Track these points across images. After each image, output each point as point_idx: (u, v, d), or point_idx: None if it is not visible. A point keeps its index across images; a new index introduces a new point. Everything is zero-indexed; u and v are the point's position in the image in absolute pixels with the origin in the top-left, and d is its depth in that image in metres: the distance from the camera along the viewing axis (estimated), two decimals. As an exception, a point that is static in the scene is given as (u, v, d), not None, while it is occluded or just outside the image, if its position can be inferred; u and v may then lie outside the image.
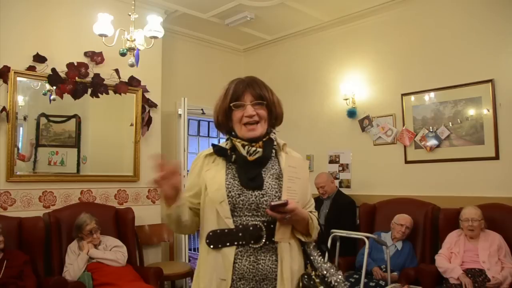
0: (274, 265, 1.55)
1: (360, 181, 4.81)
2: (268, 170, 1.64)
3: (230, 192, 1.57)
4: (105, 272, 3.47)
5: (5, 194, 3.69)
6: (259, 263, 1.54)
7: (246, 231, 1.55)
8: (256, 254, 1.55)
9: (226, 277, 1.53)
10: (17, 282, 3.15)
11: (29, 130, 3.92)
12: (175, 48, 5.29)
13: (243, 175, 1.60)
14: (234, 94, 1.64)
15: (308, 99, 5.30)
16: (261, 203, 1.56)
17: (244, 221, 1.56)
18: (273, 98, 1.69)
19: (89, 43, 4.08)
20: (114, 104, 4.36)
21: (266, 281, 1.55)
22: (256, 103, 1.63)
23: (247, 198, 1.57)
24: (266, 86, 1.69)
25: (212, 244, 1.57)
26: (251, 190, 1.58)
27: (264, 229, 1.55)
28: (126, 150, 4.44)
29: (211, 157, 1.69)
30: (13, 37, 3.76)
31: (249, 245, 1.55)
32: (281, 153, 1.70)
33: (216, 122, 1.73)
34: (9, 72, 3.69)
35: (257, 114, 1.63)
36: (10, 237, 3.40)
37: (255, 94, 1.64)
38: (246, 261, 1.54)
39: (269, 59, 5.85)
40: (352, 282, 3.60)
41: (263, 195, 1.57)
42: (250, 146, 1.63)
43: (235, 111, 1.64)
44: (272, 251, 1.56)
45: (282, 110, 1.73)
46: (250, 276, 1.54)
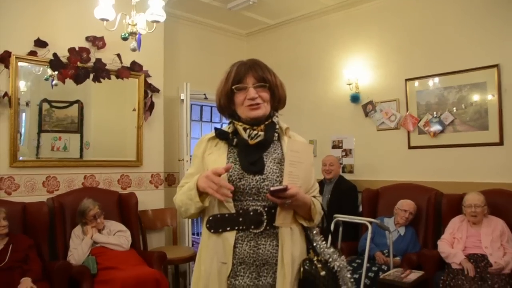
0: (274, 250, 1.55)
1: (363, 166, 4.80)
2: (270, 154, 1.62)
3: (231, 176, 1.57)
4: (109, 256, 3.50)
5: (9, 179, 3.71)
6: (260, 248, 1.55)
7: (246, 216, 1.54)
8: (256, 239, 1.55)
9: (227, 260, 1.54)
10: (23, 266, 3.18)
11: (31, 116, 3.92)
12: (177, 32, 5.25)
13: (244, 159, 1.59)
14: (236, 77, 1.62)
15: (312, 84, 5.27)
16: (262, 187, 1.55)
17: (245, 205, 1.56)
18: (276, 80, 1.67)
19: (90, 28, 4.05)
20: (116, 89, 4.35)
21: (267, 266, 1.55)
22: (259, 86, 1.61)
23: (247, 183, 1.56)
24: (268, 68, 1.67)
25: (213, 229, 1.57)
26: (252, 174, 1.57)
27: (265, 214, 1.54)
28: (128, 135, 4.44)
29: (213, 141, 1.68)
30: (14, 21, 3.74)
31: (249, 230, 1.54)
32: (284, 137, 1.68)
33: (218, 106, 1.71)
34: (10, 57, 3.66)
35: (259, 97, 1.61)
36: (14, 221, 3.42)
37: (258, 76, 1.62)
38: (246, 246, 1.54)
39: (272, 44, 5.80)
40: (354, 266, 3.62)
41: (264, 180, 1.56)
42: (252, 129, 1.61)
43: (237, 94, 1.62)
44: (273, 236, 1.56)
45: (285, 93, 1.71)
46: (250, 260, 1.54)
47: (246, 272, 1.55)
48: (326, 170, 4.54)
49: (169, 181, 5.01)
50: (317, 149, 5.15)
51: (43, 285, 3.11)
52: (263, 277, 1.55)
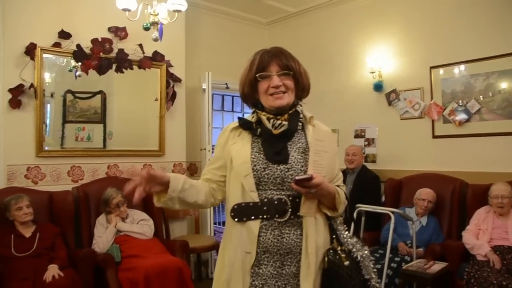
0: (299, 239, 1.54)
1: (386, 156, 4.74)
2: (294, 143, 1.61)
3: (255, 166, 1.57)
4: (133, 244, 3.56)
5: (35, 169, 3.79)
6: (284, 237, 1.54)
7: (271, 205, 1.54)
8: (280, 228, 1.54)
9: (251, 250, 1.54)
10: (50, 253, 3.27)
11: (56, 107, 3.99)
12: (199, 22, 5.25)
13: (268, 149, 1.59)
14: (260, 65, 1.61)
15: (334, 73, 5.20)
16: (286, 177, 1.55)
17: (269, 195, 1.56)
18: (300, 68, 1.66)
19: (112, 19, 4.08)
20: (139, 80, 4.38)
21: (291, 255, 1.55)
22: (282, 74, 1.60)
23: (272, 172, 1.56)
24: (292, 56, 1.66)
25: (237, 217, 1.57)
26: (276, 164, 1.56)
27: (289, 203, 1.54)
28: (151, 125, 4.48)
29: (237, 131, 1.68)
30: (38, 14, 3.79)
31: (273, 219, 1.54)
32: (308, 126, 1.67)
33: (242, 94, 1.71)
34: (36, 49, 3.72)
35: (283, 85, 1.60)
36: (41, 210, 3.51)
37: (281, 64, 1.60)
38: (270, 235, 1.54)
39: (293, 32, 5.74)
40: (376, 257, 3.59)
41: (288, 169, 1.55)
42: (275, 119, 1.61)
43: (261, 82, 1.61)
44: (297, 225, 1.55)
45: (309, 81, 1.70)
46: (274, 249, 1.54)
47: (270, 261, 1.55)
48: (348, 160, 4.50)
49: (191, 170, 5.05)
50: (339, 138, 5.10)
51: (69, 272, 3.18)
52: (287, 266, 1.55)
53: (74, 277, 3.17)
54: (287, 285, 1.55)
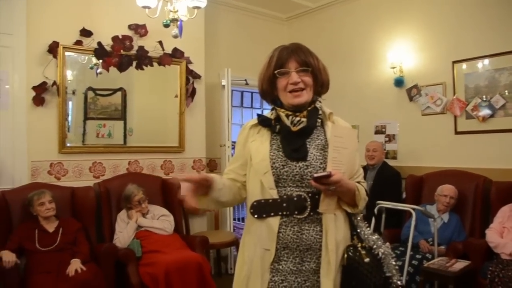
0: (318, 236, 1.54)
1: (407, 152, 4.67)
2: (313, 140, 1.61)
3: (274, 163, 1.57)
4: (153, 240, 3.59)
5: (58, 165, 3.86)
6: (303, 233, 1.54)
7: (290, 201, 1.54)
8: (300, 224, 1.54)
9: (270, 247, 1.55)
10: (72, 248, 3.33)
11: (77, 104, 4.05)
12: (218, 18, 5.25)
13: (287, 146, 1.59)
14: (279, 61, 1.61)
15: (354, 69, 5.15)
16: (305, 174, 1.54)
17: (289, 191, 1.56)
18: (319, 64, 1.65)
19: (132, 16, 4.11)
20: (158, 76, 4.41)
21: (310, 251, 1.55)
22: (301, 70, 1.59)
23: (291, 170, 1.55)
24: (311, 52, 1.65)
25: (256, 214, 1.58)
26: (295, 161, 1.56)
27: (309, 200, 1.54)
28: (171, 121, 4.51)
29: (256, 128, 1.68)
30: (61, 12, 3.85)
31: (293, 215, 1.54)
32: (327, 123, 1.66)
33: (260, 91, 1.70)
34: (58, 47, 3.79)
35: (302, 81, 1.59)
36: (64, 205, 3.58)
37: (300, 60, 1.60)
38: (290, 231, 1.54)
39: (312, 27, 5.69)
40: (397, 254, 3.55)
41: (307, 166, 1.55)
42: (294, 116, 1.60)
43: (279, 79, 1.61)
44: (317, 221, 1.55)
45: (328, 77, 1.69)
46: (294, 246, 1.54)
47: (289, 257, 1.55)
48: (369, 156, 4.45)
49: (211, 166, 5.07)
50: (360, 134, 5.05)
51: (91, 266, 3.23)
52: (307, 263, 1.55)
53: (96, 271, 3.21)
54: (306, 281, 1.55)
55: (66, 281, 3.01)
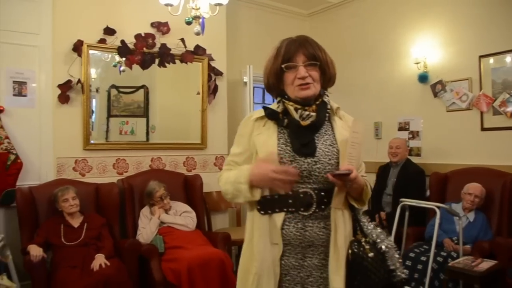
0: (321, 233, 1.54)
1: (431, 149, 4.59)
2: (321, 135, 1.59)
3: (282, 159, 1.54)
4: (176, 236, 3.62)
5: (82, 162, 3.93)
6: (307, 230, 1.53)
7: (296, 197, 1.53)
8: (304, 221, 1.54)
9: (278, 241, 1.54)
10: (97, 243, 3.38)
11: (101, 102, 4.11)
12: (239, 15, 5.25)
13: (296, 141, 1.56)
14: (286, 55, 1.57)
15: (377, 64, 5.08)
16: (314, 170, 1.53)
17: (295, 187, 1.53)
18: (327, 58, 1.61)
19: (155, 14, 4.15)
20: (180, 73, 4.44)
21: (313, 247, 1.55)
22: (309, 64, 1.56)
23: (299, 165, 1.53)
24: (319, 45, 1.61)
25: (263, 210, 1.56)
26: (303, 156, 1.54)
27: (315, 196, 1.53)
28: (193, 118, 4.53)
29: (261, 121, 1.64)
30: (85, 11, 3.92)
31: (298, 212, 1.53)
32: (335, 118, 1.64)
33: (266, 85, 1.68)
34: (82, 46, 3.85)
35: (310, 76, 1.55)
36: (88, 201, 3.64)
37: (308, 54, 1.56)
38: (293, 228, 1.54)
39: (335, 23, 5.64)
40: (421, 251, 3.51)
41: (315, 162, 1.53)
42: (303, 110, 1.57)
43: (287, 73, 1.58)
44: (321, 218, 1.54)
45: (335, 71, 1.65)
46: (296, 242, 1.54)
47: (291, 253, 1.55)
48: (392, 153, 4.39)
49: (232, 163, 5.07)
50: (382, 131, 5.00)
51: (115, 261, 3.28)
52: (308, 258, 1.55)
53: (119, 266, 3.26)
54: (309, 276, 1.55)
55: (90, 275, 3.06)
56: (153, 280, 3.35)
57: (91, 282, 2.99)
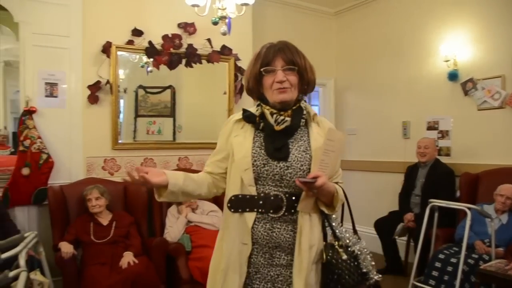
0: (288, 235, 1.57)
1: (461, 149, 4.48)
2: (296, 141, 1.61)
3: (256, 161, 1.58)
4: (203, 235, 3.64)
5: (111, 161, 4.00)
6: (274, 231, 1.57)
7: (266, 200, 1.56)
8: (272, 222, 1.57)
9: (247, 241, 1.58)
10: (125, 241, 3.44)
11: (128, 102, 4.17)
12: (265, 14, 5.24)
13: (270, 145, 1.59)
14: (265, 59, 1.61)
15: (404, 63, 4.99)
16: (285, 175, 1.56)
17: (267, 190, 1.57)
18: (305, 63, 1.64)
19: (181, 15, 4.19)
20: (207, 74, 4.47)
21: (279, 249, 1.58)
22: (287, 69, 1.59)
23: (271, 169, 1.57)
24: (298, 51, 1.64)
25: (233, 208, 1.60)
26: (276, 160, 1.57)
27: (285, 200, 1.56)
28: (219, 118, 4.54)
29: (240, 123, 1.68)
30: (113, 14, 3.99)
31: (268, 213, 1.56)
32: (311, 124, 1.65)
33: (246, 88, 1.71)
34: (111, 47, 3.92)
35: (287, 80, 1.58)
36: (117, 200, 3.71)
37: (286, 59, 1.59)
38: (261, 228, 1.57)
39: (361, 21, 5.57)
40: (451, 253, 3.44)
41: (287, 167, 1.56)
42: (279, 114, 1.60)
43: (265, 77, 1.61)
44: (290, 222, 1.57)
45: (314, 76, 1.67)
46: (263, 242, 1.58)
47: (259, 252, 1.59)
48: (420, 153, 4.32)
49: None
50: (410, 130, 4.91)
51: (143, 259, 3.33)
52: (276, 259, 1.59)
53: (147, 264, 3.31)
54: (279, 275, 1.58)
55: (119, 272, 3.12)
56: (180, 278, 3.39)
57: (120, 279, 3.04)
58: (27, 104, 3.63)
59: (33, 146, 3.56)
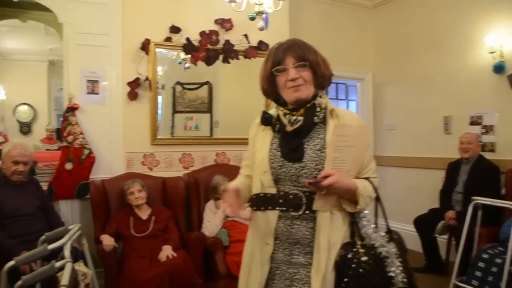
0: (308, 232, 1.55)
1: (507, 145, 4.30)
2: (312, 139, 1.57)
3: (273, 164, 1.59)
4: (240, 229, 3.64)
5: (150, 156, 4.08)
6: (293, 228, 1.56)
7: (286, 199, 1.56)
8: (293, 219, 1.57)
9: (270, 241, 1.59)
10: (164, 235, 3.50)
11: (166, 98, 4.24)
12: (302, 9, 5.19)
13: (285, 146, 1.59)
14: (275, 59, 1.60)
15: (446, 55, 4.83)
16: (301, 175, 1.55)
17: (287, 189, 1.58)
18: (317, 58, 1.60)
19: (218, 11, 4.21)
20: (243, 69, 4.47)
21: (299, 245, 1.57)
22: (299, 65, 1.56)
23: (288, 170, 1.57)
24: (308, 46, 1.61)
25: (255, 206, 1.63)
26: (291, 162, 1.56)
27: (305, 199, 1.55)
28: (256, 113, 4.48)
29: (261, 125, 1.69)
30: (151, 11, 4.06)
31: (288, 212, 1.56)
32: (329, 120, 1.59)
33: (262, 90, 1.70)
34: (150, 44, 3.99)
35: (301, 77, 1.56)
36: (155, 195, 3.78)
37: (297, 56, 1.57)
38: (282, 224, 1.58)
39: (401, 14, 5.43)
40: (496, 253, 3.31)
41: (302, 168, 1.55)
42: (291, 115, 1.59)
43: (278, 76, 1.60)
44: (310, 219, 1.55)
45: (329, 70, 1.64)
46: (283, 237, 1.58)
47: (280, 248, 1.60)
48: (463, 149, 4.18)
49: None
50: (452, 125, 4.76)
51: (181, 253, 3.37)
52: (295, 256, 1.57)
53: (185, 258, 3.35)
54: (296, 273, 1.57)
55: (158, 266, 3.17)
56: (218, 272, 3.41)
57: (158, 272, 3.10)
58: (70, 101, 3.74)
59: (76, 142, 3.68)
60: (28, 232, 3.03)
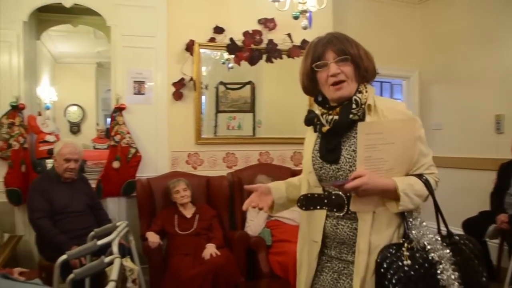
0: (352, 233, 1.51)
1: None
2: (349, 139, 1.51)
3: (314, 165, 1.58)
4: (283, 229, 3.65)
5: (194, 155, 4.13)
6: (338, 228, 1.54)
7: (330, 199, 1.54)
8: (338, 219, 1.55)
9: (318, 239, 1.58)
10: (208, 233, 3.54)
11: (210, 98, 4.28)
12: (346, 6, 5.11)
13: (323, 147, 1.56)
14: (315, 54, 1.52)
15: (498, 51, 4.61)
16: (338, 177, 1.52)
17: (330, 189, 1.56)
18: (359, 51, 1.52)
19: (261, 10, 4.21)
20: (286, 68, 4.44)
21: (345, 245, 1.55)
22: (340, 60, 1.49)
23: (327, 172, 1.54)
24: (349, 39, 1.53)
25: (304, 206, 1.59)
26: (329, 163, 1.54)
27: (346, 199, 1.51)
28: (299, 113, 4.45)
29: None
30: (195, 13, 4.11)
31: (333, 211, 1.54)
32: (367, 117, 1.49)
33: (302, 88, 1.65)
34: (194, 45, 4.04)
35: (342, 72, 1.48)
36: (200, 193, 3.83)
37: (337, 50, 1.49)
38: (329, 224, 1.56)
39: (448, 9, 5.24)
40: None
41: (338, 170, 1.51)
42: (328, 114, 1.54)
43: (318, 72, 1.53)
44: (354, 219, 1.51)
45: (373, 63, 1.55)
46: (331, 237, 1.57)
47: (331, 246, 1.59)
48: (519, 148, 3.99)
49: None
50: (505, 125, 4.54)
51: (224, 251, 3.40)
52: (344, 254, 1.56)
53: (229, 256, 3.37)
54: (345, 268, 1.55)
55: (201, 263, 3.21)
56: (261, 271, 3.41)
57: (202, 270, 3.13)
58: (118, 101, 3.85)
59: (123, 141, 3.78)
60: (77, 228, 3.15)
